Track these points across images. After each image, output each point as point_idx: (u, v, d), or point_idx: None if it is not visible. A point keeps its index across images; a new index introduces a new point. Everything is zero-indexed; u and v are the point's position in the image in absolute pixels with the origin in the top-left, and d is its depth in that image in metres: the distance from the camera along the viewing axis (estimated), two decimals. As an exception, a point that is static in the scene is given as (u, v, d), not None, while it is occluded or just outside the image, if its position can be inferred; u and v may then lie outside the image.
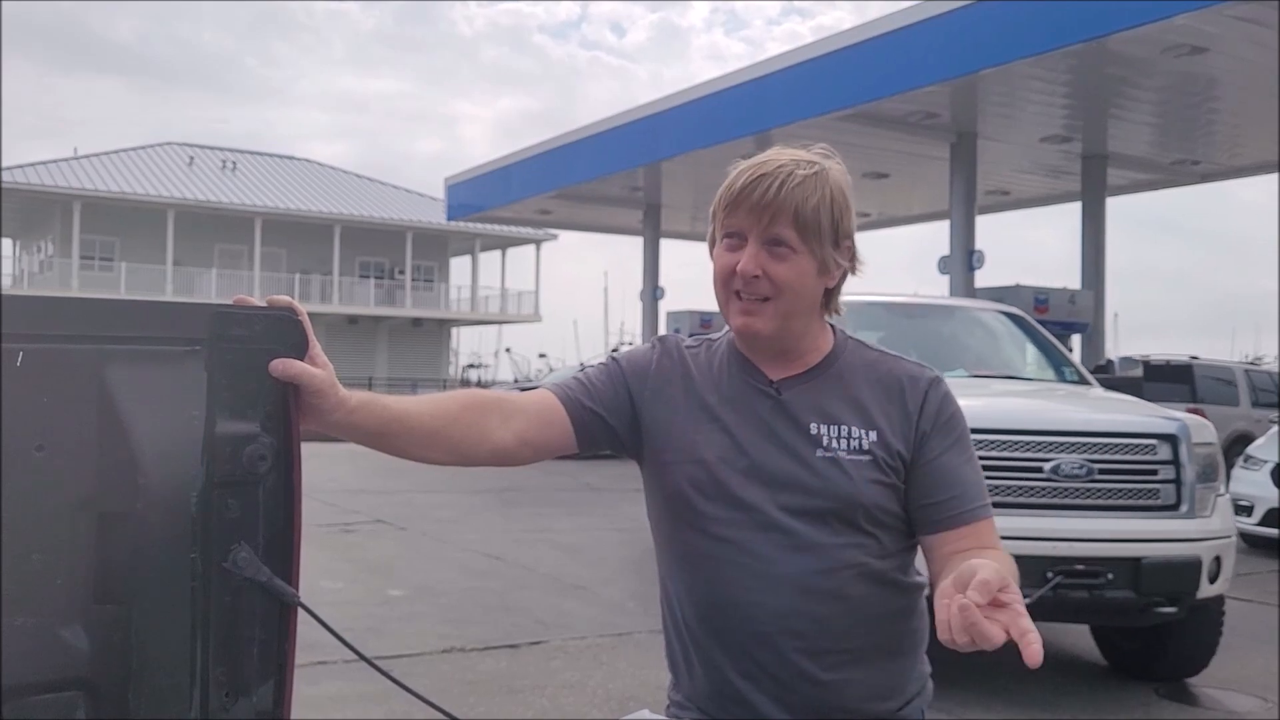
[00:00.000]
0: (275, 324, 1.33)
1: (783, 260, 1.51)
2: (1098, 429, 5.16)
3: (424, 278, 43.72)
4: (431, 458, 1.52)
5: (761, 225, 1.50)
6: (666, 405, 1.62)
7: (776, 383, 1.60)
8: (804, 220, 1.50)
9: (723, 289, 1.56)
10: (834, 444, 1.54)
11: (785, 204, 1.49)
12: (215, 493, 1.24)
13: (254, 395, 1.29)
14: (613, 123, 18.54)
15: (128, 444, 1.20)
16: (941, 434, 1.57)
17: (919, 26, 12.74)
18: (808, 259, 1.52)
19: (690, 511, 1.58)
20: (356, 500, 12.56)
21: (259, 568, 1.27)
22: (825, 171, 1.53)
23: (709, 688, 1.60)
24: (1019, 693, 5.36)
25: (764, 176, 1.50)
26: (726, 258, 1.54)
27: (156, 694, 1.22)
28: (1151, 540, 4.96)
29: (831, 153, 1.58)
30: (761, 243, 1.51)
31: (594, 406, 1.61)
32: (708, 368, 1.65)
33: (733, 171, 1.56)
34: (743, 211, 1.51)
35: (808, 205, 1.50)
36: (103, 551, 1.19)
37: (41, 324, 1.19)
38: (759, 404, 1.59)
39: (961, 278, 15.34)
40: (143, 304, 1.27)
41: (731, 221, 1.53)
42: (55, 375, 1.18)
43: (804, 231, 1.50)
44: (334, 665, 5.09)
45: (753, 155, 1.58)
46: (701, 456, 1.57)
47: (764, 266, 1.51)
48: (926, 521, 1.56)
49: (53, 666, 1.17)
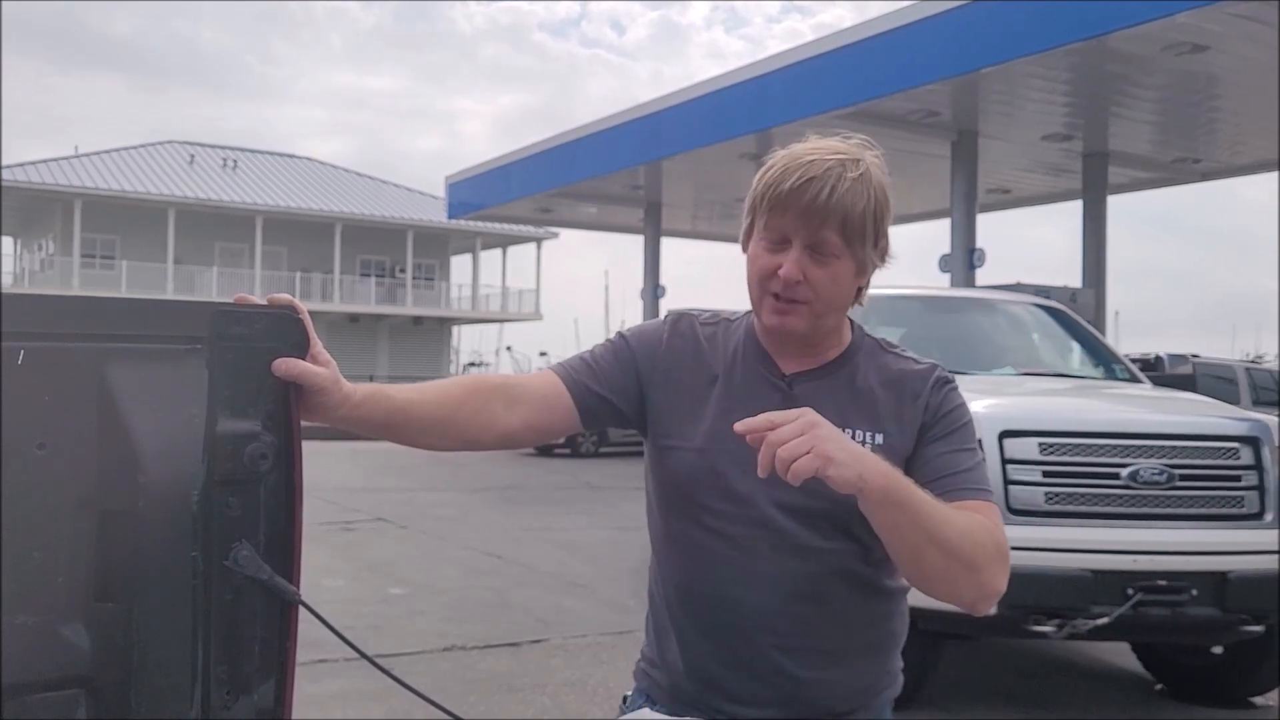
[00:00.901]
0: (276, 322, 1.33)
1: (825, 265, 1.49)
2: (1175, 430, 4.75)
3: (425, 276, 43.72)
4: (439, 445, 1.53)
5: (810, 230, 1.47)
6: (674, 388, 1.61)
7: (789, 376, 1.59)
8: (851, 227, 1.48)
9: (759, 287, 1.54)
10: None
11: (835, 210, 1.46)
12: (216, 491, 1.24)
13: (255, 394, 1.29)
14: (613, 121, 18.53)
15: (129, 442, 1.20)
16: (941, 428, 1.56)
17: (920, 25, 12.74)
18: (849, 261, 1.50)
19: (685, 499, 1.58)
20: (357, 499, 12.56)
21: (260, 566, 1.27)
22: (869, 171, 1.49)
23: (685, 666, 1.60)
24: (1019, 692, 5.37)
25: (814, 180, 1.46)
26: (767, 259, 1.51)
27: (157, 692, 1.22)
28: (1237, 553, 4.55)
29: (870, 143, 1.54)
30: (805, 246, 1.49)
31: (600, 390, 1.60)
32: (722, 351, 1.63)
33: (775, 165, 1.51)
34: (791, 215, 1.48)
35: (855, 210, 1.47)
36: (104, 550, 1.19)
37: (42, 322, 1.19)
38: (768, 396, 1.56)
39: (962, 276, 15.33)
40: (144, 302, 1.27)
41: (777, 223, 1.49)
42: (56, 374, 1.18)
43: (849, 237, 1.48)
44: (335, 663, 5.10)
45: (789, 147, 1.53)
46: (702, 445, 1.56)
47: (806, 271, 1.48)
48: None
49: (53, 665, 1.17)
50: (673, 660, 1.62)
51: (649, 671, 1.68)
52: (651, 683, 1.67)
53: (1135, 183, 18.72)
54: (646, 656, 1.70)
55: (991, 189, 18.64)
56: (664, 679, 1.64)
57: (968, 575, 1.39)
